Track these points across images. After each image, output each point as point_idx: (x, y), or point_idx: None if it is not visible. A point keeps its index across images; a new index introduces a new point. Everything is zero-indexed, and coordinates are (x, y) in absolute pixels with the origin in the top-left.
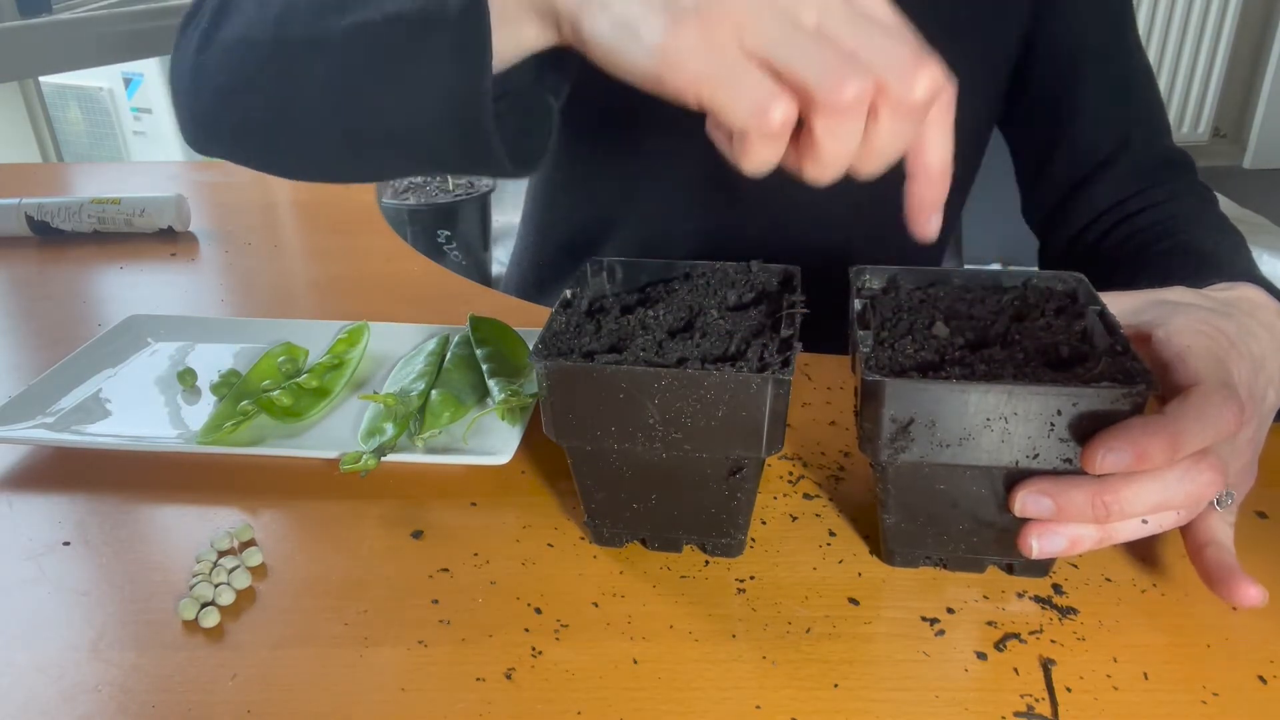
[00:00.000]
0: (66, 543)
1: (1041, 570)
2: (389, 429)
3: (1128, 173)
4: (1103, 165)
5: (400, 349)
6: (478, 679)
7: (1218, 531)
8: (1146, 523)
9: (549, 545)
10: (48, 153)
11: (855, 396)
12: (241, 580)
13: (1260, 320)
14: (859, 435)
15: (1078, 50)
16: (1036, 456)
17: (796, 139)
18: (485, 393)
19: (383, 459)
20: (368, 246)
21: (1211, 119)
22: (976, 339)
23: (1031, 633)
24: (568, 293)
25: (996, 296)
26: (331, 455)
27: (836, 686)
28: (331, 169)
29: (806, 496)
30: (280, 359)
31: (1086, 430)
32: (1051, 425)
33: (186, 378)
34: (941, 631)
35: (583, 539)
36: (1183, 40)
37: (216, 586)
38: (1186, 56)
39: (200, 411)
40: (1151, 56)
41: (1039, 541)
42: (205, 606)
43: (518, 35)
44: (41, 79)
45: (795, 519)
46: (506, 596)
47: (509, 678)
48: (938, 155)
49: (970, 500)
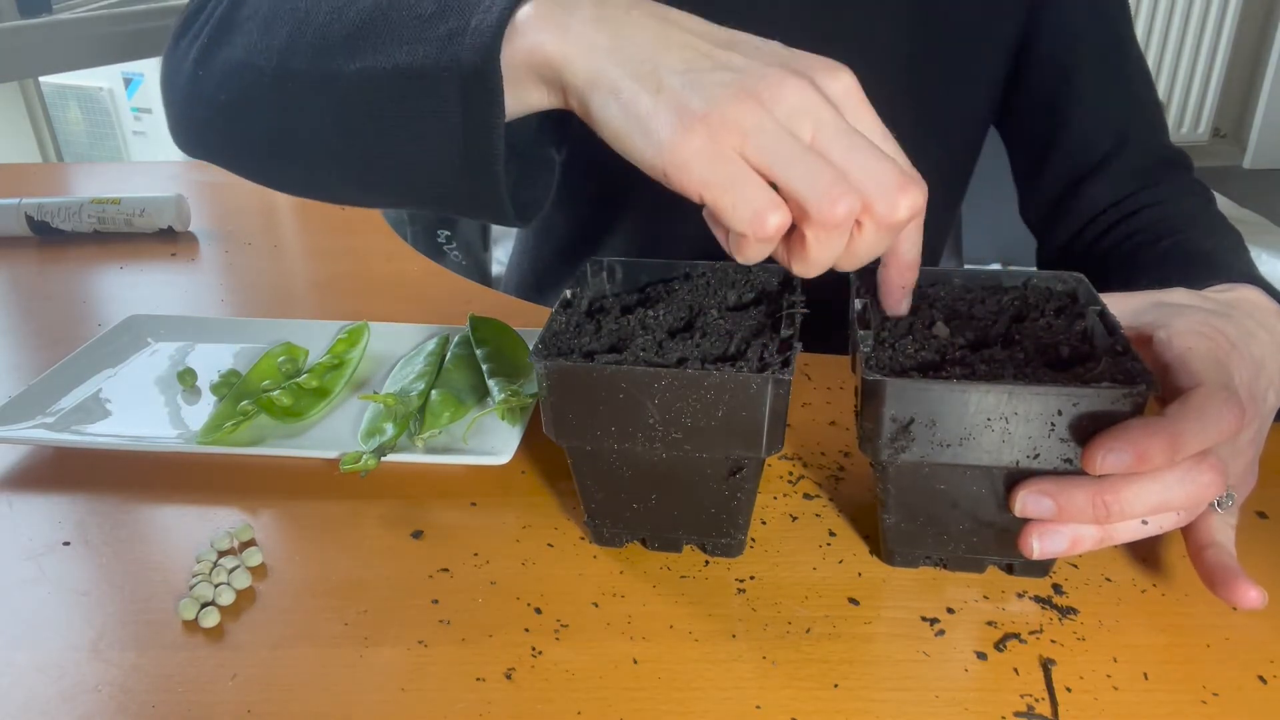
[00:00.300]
0: (66, 543)
1: (1041, 570)
2: (389, 429)
3: (1125, 172)
4: (1100, 164)
5: (400, 349)
6: (478, 679)
7: (1218, 533)
8: (1147, 523)
9: (549, 545)
10: (48, 153)
11: (855, 396)
12: (241, 580)
13: (1260, 321)
14: (859, 435)
15: (1074, 49)
16: (1037, 457)
17: (786, 237)
18: (485, 393)
19: (383, 459)
20: (368, 246)
21: (1211, 119)
22: (977, 339)
23: (1031, 633)
24: (568, 293)
25: (996, 296)
26: (331, 455)
27: (836, 686)
28: (330, 195)
29: (806, 496)
30: (280, 359)
31: (1087, 430)
32: (1052, 425)
33: (186, 378)
34: (941, 631)
35: (583, 539)
36: (1183, 40)
37: (216, 586)
38: (1186, 56)
39: (200, 411)
40: (1151, 56)
41: (1040, 541)
42: (205, 606)
43: (524, 97)
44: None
45: (795, 519)
46: (506, 596)
47: (509, 678)
48: (910, 250)
49: (970, 500)
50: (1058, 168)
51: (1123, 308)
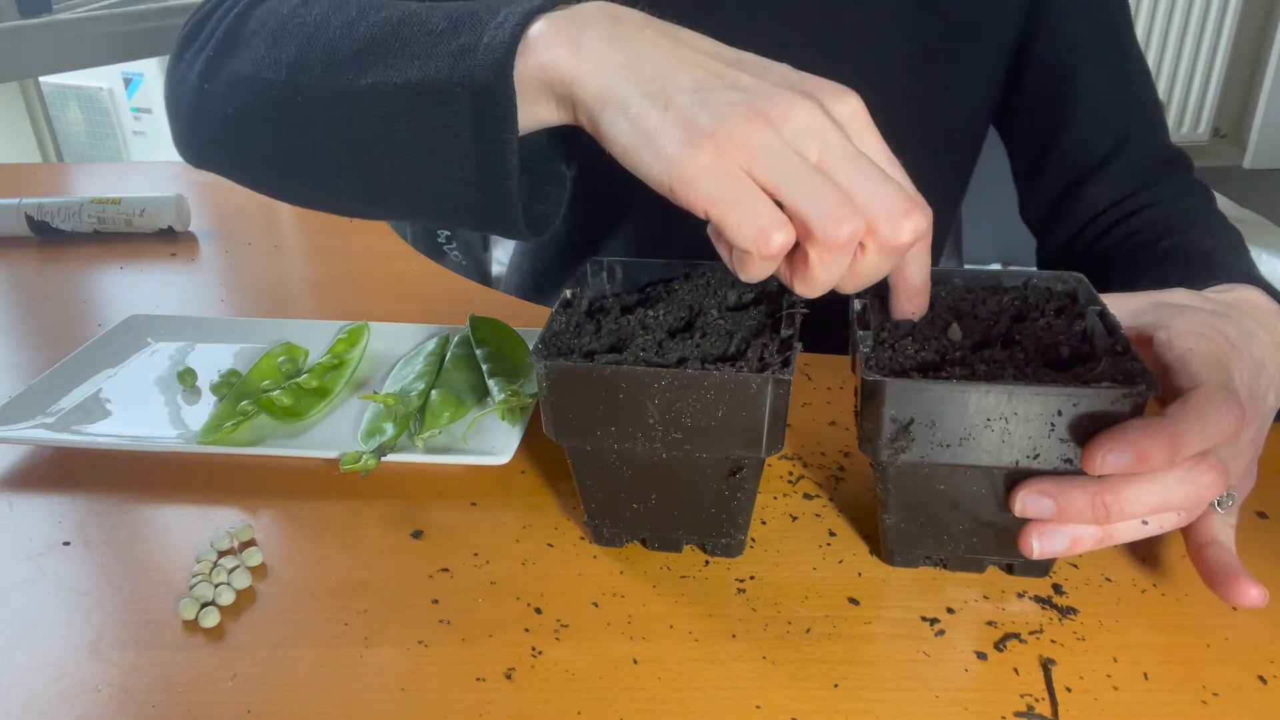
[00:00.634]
0: (66, 543)
1: (1041, 570)
2: (389, 429)
3: (1125, 172)
4: (1100, 164)
5: (400, 349)
6: (478, 679)
7: (1218, 532)
8: (1147, 524)
9: (549, 545)
10: (48, 153)
11: (855, 396)
12: (241, 580)
13: (1260, 322)
14: (859, 435)
15: (1074, 49)
16: (1037, 457)
17: (790, 256)
18: (485, 393)
19: (383, 459)
20: (368, 246)
21: (1211, 119)
22: (977, 339)
23: (1031, 633)
24: (568, 293)
25: (996, 296)
26: (331, 455)
27: (836, 686)
28: (338, 208)
29: (806, 496)
30: (280, 359)
31: (1087, 430)
32: (1052, 425)
33: (186, 378)
34: (941, 631)
35: (583, 539)
36: (1183, 40)
37: (216, 586)
38: (1186, 56)
39: (200, 411)
40: (1151, 56)
41: (1039, 541)
42: (205, 606)
43: (535, 113)
44: (41, 79)
45: (795, 519)
46: (506, 596)
47: (509, 678)
48: (917, 274)
49: (970, 500)
50: (1058, 168)
51: (1123, 308)
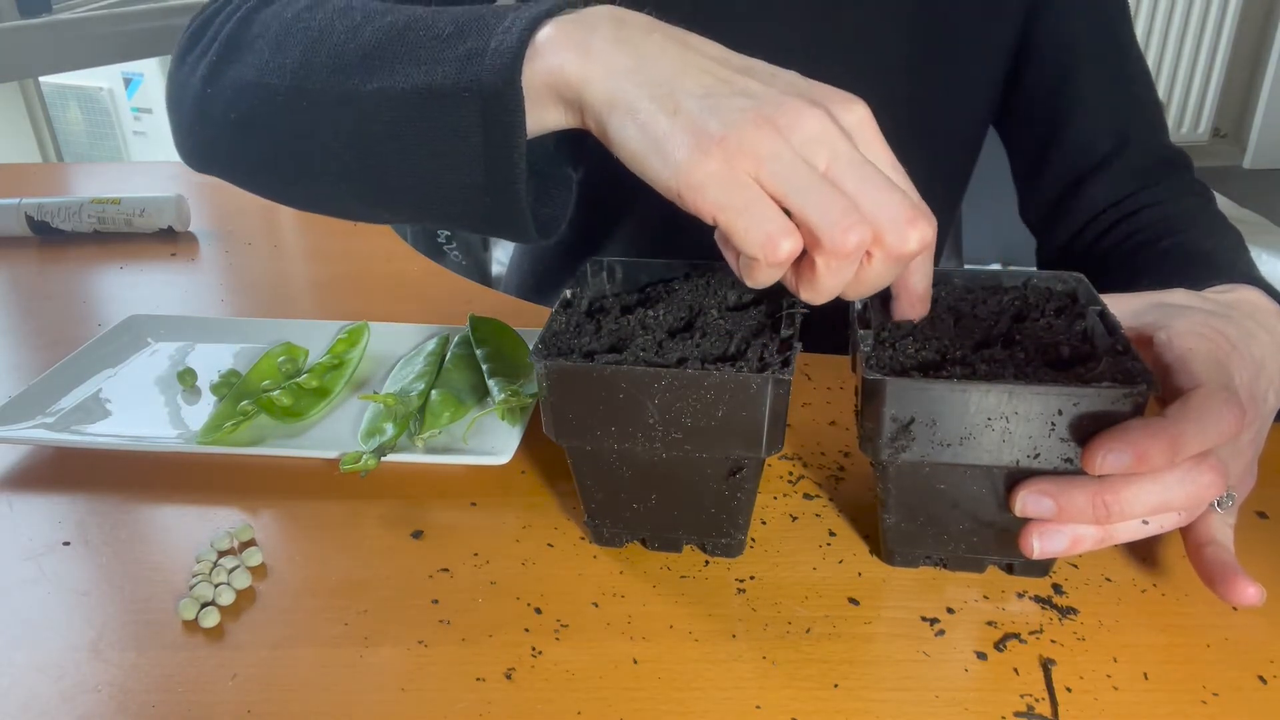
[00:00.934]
0: (66, 543)
1: (1041, 570)
2: (389, 429)
3: (1126, 172)
4: (1100, 164)
5: (400, 349)
6: (478, 679)
7: (1217, 532)
8: (1147, 524)
9: (549, 545)
10: (48, 153)
11: (855, 396)
12: (241, 580)
13: (1260, 322)
14: (859, 435)
15: (1074, 48)
16: (1037, 456)
17: (796, 264)
18: (485, 393)
19: (383, 459)
20: (368, 246)
21: (1211, 119)
22: (977, 339)
23: (1031, 633)
24: (568, 293)
25: (996, 296)
26: (331, 455)
27: (836, 686)
28: (342, 211)
29: (806, 496)
30: (280, 359)
31: (1087, 430)
32: (1052, 425)
33: (186, 378)
34: (941, 631)
35: (583, 539)
36: (1183, 40)
37: (216, 586)
38: (1186, 56)
39: (200, 411)
40: (1151, 56)
41: (1040, 541)
42: (205, 606)
43: (542, 117)
44: (41, 79)
45: (795, 519)
46: (506, 596)
47: (509, 678)
48: (920, 282)
49: (970, 500)
50: (1058, 168)
51: (1123, 308)
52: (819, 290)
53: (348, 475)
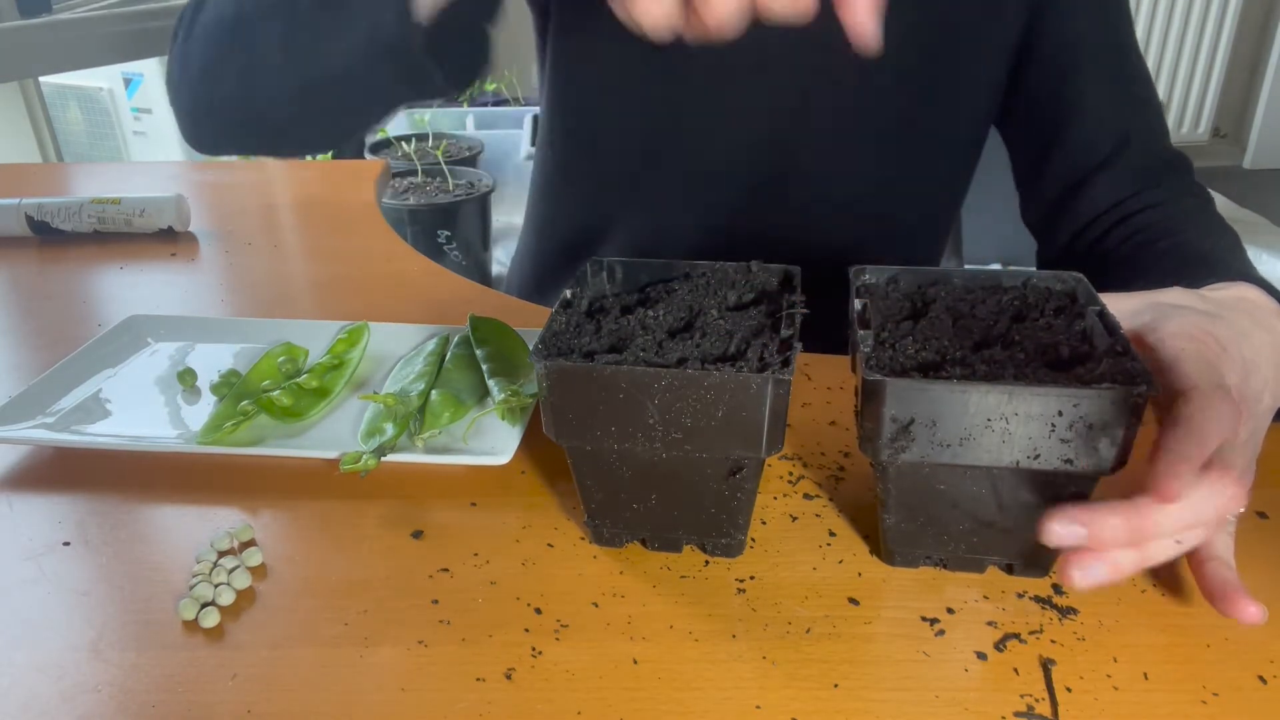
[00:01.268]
0: (66, 543)
1: (1041, 570)
2: (389, 429)
3: (1126, 174)
4: (1101, 166)
5: (400, 349)
6: (478, 679)
7: (1218, 546)
8: (1180, 542)
9: (549, 545)
10: (48, 153)
11: (855, 396)
12: (241, 580)
13: (1258, 321)
14: (859, 435)
15: (1076, 50)
16: (1037, 457)
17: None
18: (485, 393)
19: (383, 459)
20: (368, 246)
21: (1211, 119)
22: (977, 339)
23: (1031, 633)
24: (568, 293)
25: (996, 296)
26: (331, 455)
27: (836, 686)
28: (298, 131)
29: (806, 496)
30: (280, 359)
31: (1088, 431)
32: (1052, 426)
33: (186, 378)
34: (941, 631)
35: (583, 539)
36: (1183, 40)
37: (216, 586)
38: (1186, 56)
39: (200, 411)
40: (1151, 56)
41: (1080, 573)
42: (205, 606)
43: None
44: (41, 79)
45: (795, 519)
46: (506, 596)
47: (509, 678)
48: None
49: (970, 500)
50: (1059, 169)
51: (1120, 308)
52: (714, 6)
53: (348, 475)
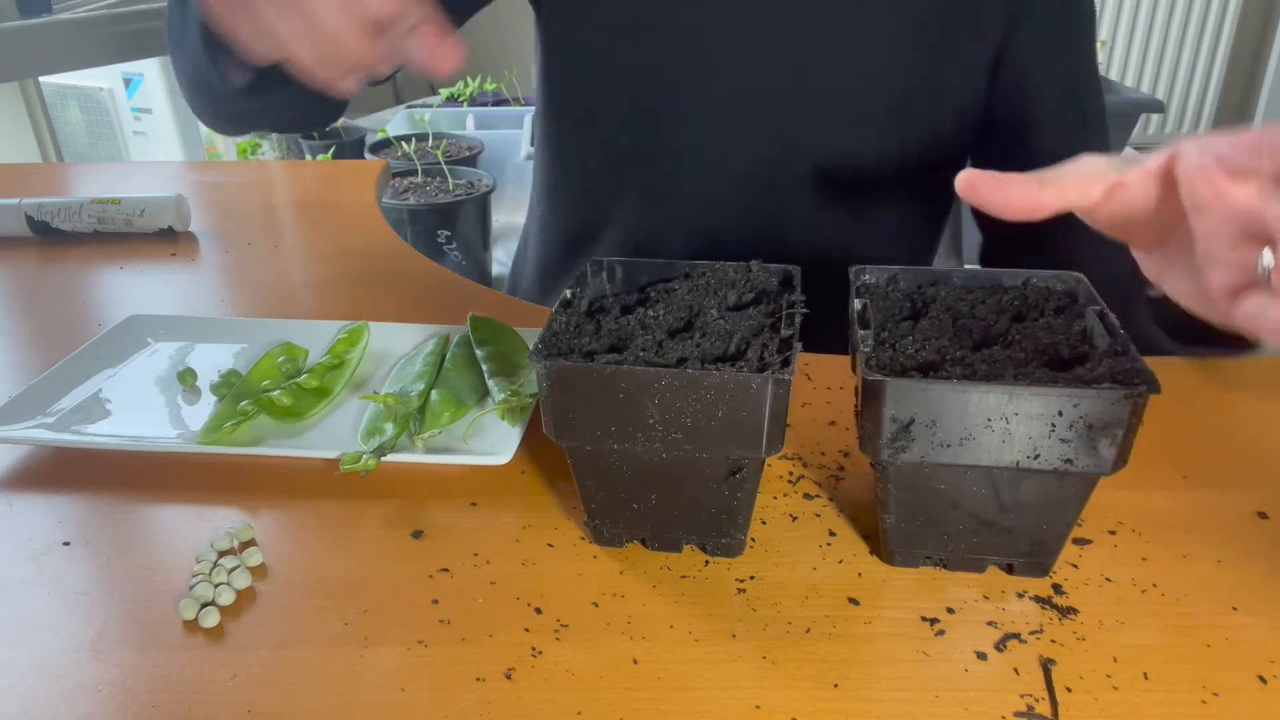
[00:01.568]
0: (66, 543)
1: (1041, 570)
2: (389, 429)
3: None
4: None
5: (400, 349)
6: (478, 679)
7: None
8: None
9: (549, 545)
10: (48, 153)
11: (855, 396)
12: (241, 580)
13: None
14: (859, 435)
15: (1040, 65)
16: (1037, 457)
17: None
18: (485, 393)
19: (383, 459)
20: (368, 246)
21: (1211, 119)
22: (977, 339)
23: (1031, 633)
24: (568, 293)
25: (996, 296)
26: (331, 455)
27: (836, 686)
28: (264, 121)
29: (806, 496)
30: (280, 359)
31: (1088, 431)
32: (1052, 426)
33: (186, 378)
34: (941, 631)
35: (583, 539)
36: (1183, 40)
37: (216, 586)
38: (1186, 56)
39: (200, 411)
40: (1151, 56)
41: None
42: (205, 606)
43: None
44: (41, 79)
45: (795, 519)
46: (506, 596)
47: (509, 678)
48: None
49: (970, 500)
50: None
51: (1091, 169)
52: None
53: (348, 475)
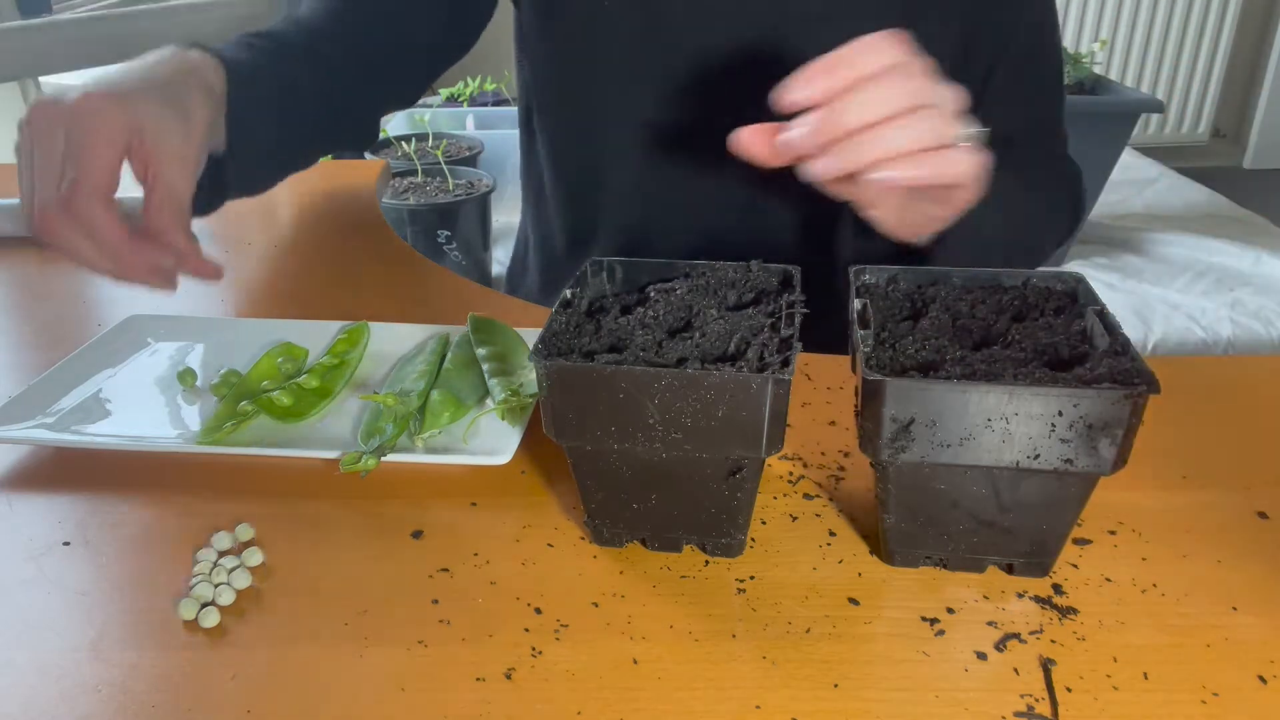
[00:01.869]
0: (66, 543)
1: (1041, 570)
2: (389, 429)
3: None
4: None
5: (400, 349)
6: (478, 679)
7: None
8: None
9: (549, 545)
10: None
11: (855, 396)
12: (241, 580)
13: None
14: (859, 435)
15: (1002, 48)
16: (1037, 457)
17: None
18: (485, 393)
19: (383, 459)
20: (368, 246)
21: (1211, 119)
22: (977, 339)
23: (1031, 633)
24: (568, 293)
25: (996, 296)
26: (331, 455)
27: (836, 686)
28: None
29: (806, 496)
30: (280, 359)
31: (1087, 431)
32: (1052, 426)
33: (186, 378)
34: (941, 631)
35: (583, 539)
36: (1183, 40)
37: (216, 586)
38: (1186, 56)
39: (200, 411)
40: (1151, 56)
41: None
42: (205, 606)
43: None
44: (41, 79)
45: (795, 519)
46: (506, 596)
47: (509, 678)
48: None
49: (970, 500)
50: None
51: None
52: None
53: (348, 475)
